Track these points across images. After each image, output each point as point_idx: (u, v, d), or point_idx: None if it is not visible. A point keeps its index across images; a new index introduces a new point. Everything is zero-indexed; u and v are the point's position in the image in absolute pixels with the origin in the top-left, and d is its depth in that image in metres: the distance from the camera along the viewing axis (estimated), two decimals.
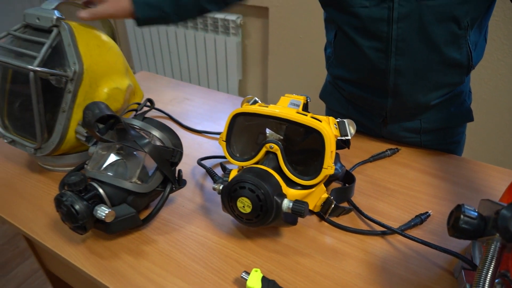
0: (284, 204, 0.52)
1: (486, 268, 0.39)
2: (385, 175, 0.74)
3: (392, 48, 0.68)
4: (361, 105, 0.83)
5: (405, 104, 0.75)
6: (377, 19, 0.66)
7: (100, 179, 0.57)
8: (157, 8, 0.74)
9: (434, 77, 0.71)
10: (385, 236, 0.60)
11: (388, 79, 0.72)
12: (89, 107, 0.58)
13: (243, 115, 0.61)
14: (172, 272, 0.54)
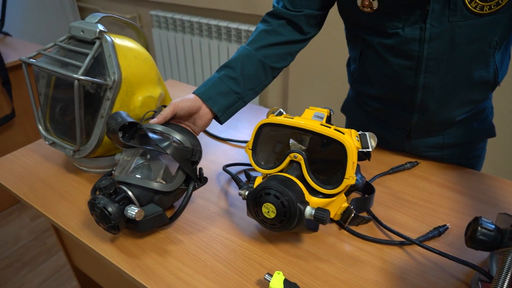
0: (306, 211, 0.55)
1: (502, 279, 0.41)
2: (404, 187, 0.76)
3: (422, 66, 0.69)
4: (385, 120, 0.84)
5: (431, 120, 0.77)
6: (409, 39, 0.67)
7: (128, 182, 0.61)
8: (230, 93, 0.73)
9: (461, 94, 0.72)
10: (403, 246, 0.62)
11: (416, 96, 0.73)
12: (113, 117, 0.63)
13: (269, 126, 0.65)
14: (199, 271, 0.58)
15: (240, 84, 0.74)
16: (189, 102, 0.70)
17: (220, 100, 0.72)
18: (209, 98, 0.72)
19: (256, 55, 0.75)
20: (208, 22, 2.01)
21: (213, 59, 2.12)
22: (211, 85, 0.73)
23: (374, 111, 0.85)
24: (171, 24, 2.20)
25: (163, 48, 2.32)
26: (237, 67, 0.74)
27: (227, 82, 0.73)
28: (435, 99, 0.73)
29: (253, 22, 1.92)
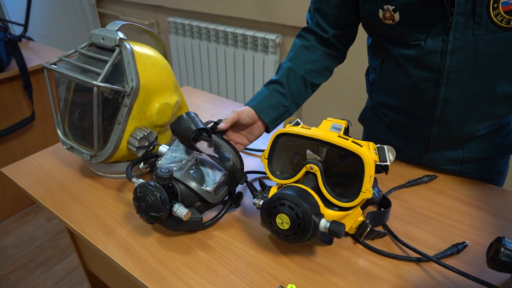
0: (321, 223, 0.54)
1: None
2: (421, 201, 0.74)
3: (443, 79, 0.67)
4: (404, 132, 0.83)
5: (451, 134, 0.75)
6: (431, 51, 0.66)
7: (182, 180, 0.62)
8: (279, 106, 0.79)
9: (483, 109, 0.70)
10: (420, 263, 0.61)
11: (436, 108, 0.71)
12: (189, 117, 0.69)
13: (286, 136, 0.65)
14: (211, 281, 0.57)
15: (288, 99, 0.80)
16: (251, 112, 0.76)
17: (271, 113, 0.78)
18: (261, 111, 0.77)
19: (298, 72, 0.80)
20: (224, 29, 2.03)
21: (229, 66, 2.13)
22: (263, 98, 0.78)
23: (393, 122, 0.84)
24: (188, 30, 2.22)
25: (180, 54, 2.35)
26: (284, 83, 0.79)
27: (277, 96, 0.79)
28: (455, 112, 0.71)
29: (269, 30, 1.92)
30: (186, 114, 0.69)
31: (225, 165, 0.65)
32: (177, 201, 0.62)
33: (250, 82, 2.08)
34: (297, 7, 1.73)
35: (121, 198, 0.76)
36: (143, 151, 0.75)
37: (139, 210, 0.61)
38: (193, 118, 0.69)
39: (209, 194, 0.64)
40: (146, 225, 0.69)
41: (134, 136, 0.74)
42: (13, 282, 1.48)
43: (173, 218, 0.62)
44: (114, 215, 0.71)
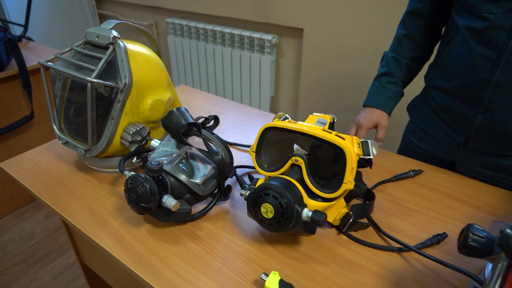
0: (304, 213, 0.56)
1: (491, 285, 0.41)
2: (406, 195, 0.76)
3: (502, 60, 0.67)
4: (447, 120, 0.83)
5: (494, 126, 0.74)
6: (499, 27, 0.66)
7: (171, 173, 0.65)
8: (395, 94, 0.91)
9: None
10: (401, 252, 0.63)
11: (486, 92, 0.71)
12: (179, 112, 0.72)
13: (273, 129, 0.67)
14: (198, 269, 0.59)
15: (399, 85, 0.91)
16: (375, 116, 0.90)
17: (390, 103, 0.91)
18: (382, 104, 0.90)
19: (403, 61, 0.90)
20: (222, 30, 2.06)
21: (226, 66, 2.15)
22: (378, 93, 0.91)
23: (439, 107, 0.84)
24: (186, 31, 2.25)
25: (178, 55, 2.38)
26: (393, 73, 0.90)
27: (390, 87, 0.91)
28: (504, 102, 0.70)
29: (266, 30, 1.95)
30: (176, 109, 0.71)
31: (214, 158, 0.68)
32: (166, 193, 0.64)
33: (247, 82, 2.10)
34: (292, 8, 1.76)
35: (115, 191, 0.78)
36: (135, 146, 0.77)
37: (130, 201, 0.63)
38: (183, 113, 0.71)
39: (198, 187, 0.66)
40: (138, 217, 0.71)
41: (127, 131, 0.76)
42: (11, 277, 1.51)
43: (162, 209, 0.64)
44: (107, 207, 0.73)
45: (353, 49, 1.67)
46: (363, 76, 1.69)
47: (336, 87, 1.81)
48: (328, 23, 1.68)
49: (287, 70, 2.00)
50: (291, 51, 1.92)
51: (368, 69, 1.66)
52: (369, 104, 0.91)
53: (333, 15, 1.65)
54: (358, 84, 1.73)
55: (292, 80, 2.01)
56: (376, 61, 1.62)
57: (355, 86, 1.74)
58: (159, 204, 0.63)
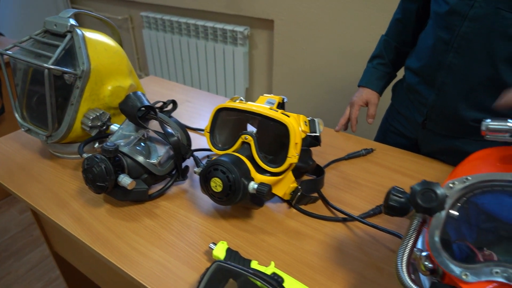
0: (250, 185, 0.60)
1: (407, 239, 0.46)
2: (357, 172, 0.81)
3: (455, 43, 0.72)
4: (413, 99, 0.88)
5: (445, 107, 0.78)
6: (455, 12, 0.70)
7: (128, 154, 0.68)
8: (384, 75, 0.98)
9: (480, 95, 0.73)
10: (346, 222, 0.67)
11: (439, 74, 0.76)
12: (136, 96, 0.74)
13: (225, 110, 0.70)
14: (153, 243, 0.63)
15: (389, 66, 0.98)
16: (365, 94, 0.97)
17: (379, 83, 0.98)
18: (372, 84, 0.98)
19: (392, 44, 0.96)
20: (195, 23, 2.07)
21: (201, 59, 2.17)
22: (369, 74, 0.99)
23: (408, 87, 0.90)
24: (161, 25, 2.26)
25: (153, 48, 2.38)
26: (383, 55, 0.98)
27: (380, 68, 0.98)
28: (454, 84, 0.75)
29: (238, 22, 1.97)
30: (133, 94, 0.74)
31: (169, 140, 0.71)
32: (123, 173, 0.66)
33: (222, 74, 2.13)
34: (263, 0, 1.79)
35: (77, 175, 0.80)
36: (96, 131, 0.79)
37: (87, 181, 0.66)
38: (140, 97, 0.74)
39: (155, 167, 0.69)
40: (98, 198, 0.73)
41: (87, 117, 0.78)
42: None
43: (120, 188, 0.67)
44: (69, 191, 0.76)
45: (323, 39, 1.71)
46: (334, 65, 1.74)
47: (308, 77, 1.86)
48: (298, 14, 1.72)
49: (260, 61, 2.03)
50: (264, 43, 1.96)
51: (339, 58, 1.71)
52: (361, 84, 1.00)
53: (303, 7, 1.68)
54: (329, 73, 1.77)
55: (265, 71, 2.04)
56: (347, 50, 1.66)
57: (326, 75, 1.79)
58: (116, 184, 0.66)
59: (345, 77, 1.72)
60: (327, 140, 0.93)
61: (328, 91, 1.82)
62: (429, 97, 0.81)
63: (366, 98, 0.97)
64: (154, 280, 0.56)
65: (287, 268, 0.58)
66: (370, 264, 0.58)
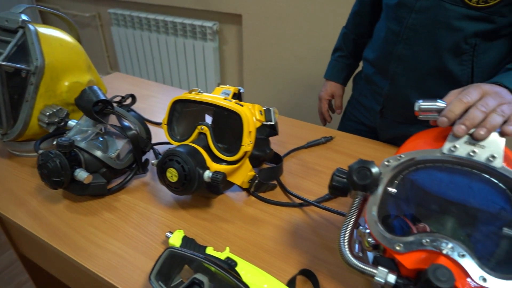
0: (205, 174, 0.61)
1: (349, 217, 0.48)
2: (316, 159, 0.83)
3: (403, 35, 0.75)
4: (370, 89, 0.91)
5: (398, 96, 0.81)
6: (404, 4, 0.73)
7: (85, 148, 0.68)
8: (345, 66, 1.03)
9: (429, 83, 0.76)
10: (302, 207, 0.69)
11: (391, 64, 0.79)
12: (91, 90, 0.73)
13: (181, 102, 0.71)
14: (111, 235, 0.63)
15: (349, 58, 1.02)
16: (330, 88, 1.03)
17: (341, 74, 1.03)
18: (334, 77, 1.03)
19: (351, 35, 1.00)
20: (164, 19, 2.06)
21: (171, 55, 2.16)
22: (332, 67, 1.04)
23: (365, 77, 0.92)
24: (129, 21, 2.23)
25: (123, 46, 2.35)
26: (343, 47, 1.02)
27: (341, 60, 1.03)
28: (405, 74, 0.78)
29: (206, 18, 1.97)
30: (88, 88, 0.74)
31: (127, 133, 0.71)
32: (80, 167, 0.66)
33: (193, 70, 2.12)
34: None
35: (35, 173, 0.78)
36: (54, 127, 0.78)
37: (43, 177, 0.65)
38: (95, 92, 0.73)
39: (113, 161, 0.69)
40: (57, 194, 0.73)
41: (43, 113, 0.77)
42: None
43: (77, 183, 0.66)
44: (28, 188, 0.75)
45: (292, 33, 1.73)
46: (303, 58, 1.76)
47: (278, 70, 1.88)
48: (266, 8, 1.73)
49: (230, 56, 2.04)
50: (233, 37, 1.96)
51: (307, 51, 1.73)
52: (325, 76, 1.05)
53: (270, 1, 1.70)
54: (298, 66, 1.80)
55: (236, 66, 2.05)
56: (316, 43, 1.69)
57: (295, 68, 1.81)
58: (73, 179, 0.66)
59: (314, 70, 1.75)
60: (288, 129, 0.95)
61: (298, 84, 1.85)
62: (384, 87, 0.84)
63: (331, 91, 1.02)
64: (110, 270, 0.57)
65: (242, 253, 0.59)
66: (323, 245, 0.61)
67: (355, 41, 0.99)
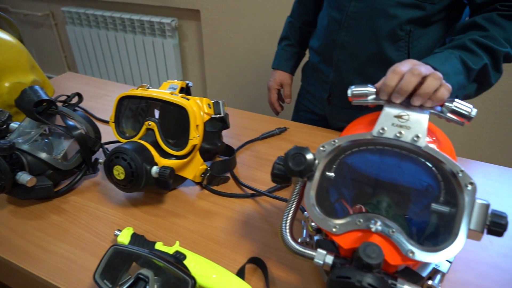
0: (153, 170, 0.61)
1: (291, 203, 0.49)
2: (270, 150, 0.84)
3: (344, 23, 0.76)
4: (317, 77, 0.93)
5: (343, 83, 0.83)
6: None
7: (27, 151, 0.65)
8: (292, 55, 1.03)
9: (370, 70, 0.78)
10: (254, 198, 0.70)
11: (335, 52, 0.81)
12: (32, 90, 0.70)
13: (127, 98, 0.70)
14: (59, 238, 0.61)
15: (296, 46, 1.02)
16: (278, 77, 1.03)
17: (289, 63, 1.03)
18: (282, 66, 1.03)
19: (296, 24, 1.00)
20: (121, 16, 2.01)
21: (131, 53, 2.11)
22: (279, 56, 1.04)
23: (312, 66, 0.94)
24: (85, 20, 2.15)
25: (80, 45, 2.27)
26: (289, 36, 1.02)
27: (288, 49, 1.03)
28: (348, 61, 0.79)
29: (165, 14, 1.94)
30: (29, 88, 0.71)
31: (73, 133, 0.69)
32: (23, 171, 0.64)
33: (154, 67, 2.08)
34: None
35: None
36: None
37: None
38: (36, 91, 0.71)
39: (59, 162, 0.67)
40: (1, 200, 0.70)
41: None
42: None
43: (21, 187, 0.64)
44: None
45: (249, 25, 1.73)
46: (262, 50, 1.77)
47: (238, 64, 1.88)
48: (223, 2, 1.73)
49: (191, 52, 2.02)
50: (193, 33, 1.94)
51: (266, 43, 1.74)
52: (273, 66, 1.05)
53: None
54: (258, 58, 1.80)
55: (198, 62, 2.03)
56: (274, 34, 1.70)
57: (255, 61, 1.82)
58: (16, 183, 0.63)
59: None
60: (243, 122, 0.95)
61: (259, 77, 1.86)
62: (329, 75, 0.86)
63: (279, 80, 1.02)
64: (58, 274, 0.55)
65: (194, 246, 0.59)
66: (273, 233, 0.62)
67: (301, 29, 1.01)
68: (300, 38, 1.02)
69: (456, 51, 0.61)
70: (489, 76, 0.64)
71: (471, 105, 0.46)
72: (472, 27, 0.66)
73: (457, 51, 0.61)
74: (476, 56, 0.61)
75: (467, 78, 0.61)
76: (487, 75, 0.64)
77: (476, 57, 0.61)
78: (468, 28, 0.66)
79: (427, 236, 0.45)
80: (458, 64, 0.60)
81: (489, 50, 0.62)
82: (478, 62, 0.61)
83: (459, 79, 0.59)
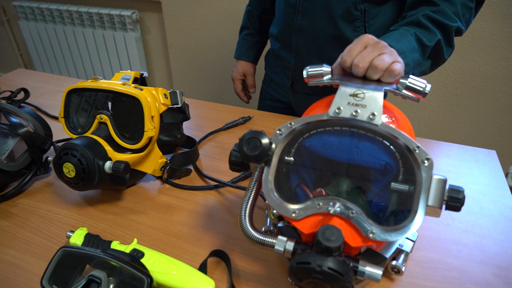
0: (106, 165, 0.57)
1: (250, 190, 0.47)
2: (234, 140, 0.82)
3: (300, 6, 0.75)
4: (279, 65, 0.91)
5: (304, 68, 0.81)
6: None
7: None
8: (253, 44, 1.02)
9: (330, 52, 0.77)
10: (218, 189, 0.68)
11: (293, 37, 0.80)
12: None
13: (76, 91, 0.65)
14: (6, 244, 0.57)
15: (256, 35, 1.01)
16: (240, 67, 1.02)
17: (251, 53, 1.01)
18: (244, 55, 1.01)
19: (255, 12, 0.99)
20: (78, 10, 1.91)
21: (91, 48, 2.02)
22: (240, 46, 1.02)
23: (273, 53, 0.92)
24: (39, 14, 2.04)
25: (36, 41, 2.15)
26: (249, 25, 1.01)
27: (248, 38, 1.02)
28: (307, 45, 0.78)
29: (125, 6, 1.86)
30: None
31: (18, 131, 0.64)
32: None
33: (116, 62, 2.01)
34: None
35: None
36: None
37: None
38: None
39: (3, 162, 0.62)
40: None
41: None
42: None
43: None
44: None
45: (213, 15, 1.69)
46: (227, 40, 1.74)
47: (203, 55, 1.84)
48: None
49: (155, 46, 1.95)
50: (155, 26, 1.88)
51: (231, 33, 1.71)
52: (235, 56, 1.04)
53: None
54: (223, 49, 1.77)
55: (162, 55, 1.97)
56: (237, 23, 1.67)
57: (220, 51, 1.78)
58: None
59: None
60: (207, 113, 0.92)
61: (225, 68, 1.82)
62: (290, 60, 0.85)
63: (242, 70, 1.00)
64: (3, 282, 0.51)
65: (153, 242, 0.57)
66: (237, 224, 0.60)
67: (260, 17, 0.99)
68: (259, 27, 1.00)
69: (411, 28, 0.61)
70: (443, 51, 0.64)
71: (425, 81, 0.45)
72: (423, 2, 0.66)
73: (412, 27, 0.61)
74: (430, 33, 0.62)
75: (423, 55, 0.61)
76: (441, 50, 0.64)
77: (430, 33, 0.62)
78: (419, 3, 0.66)
79: (388, 216, 0.44)
80: (413, 41, 0.59)
81: (441, 26, 0.62)
82: (432, 38, 0.61)
83: (415, 56, 0.59)
